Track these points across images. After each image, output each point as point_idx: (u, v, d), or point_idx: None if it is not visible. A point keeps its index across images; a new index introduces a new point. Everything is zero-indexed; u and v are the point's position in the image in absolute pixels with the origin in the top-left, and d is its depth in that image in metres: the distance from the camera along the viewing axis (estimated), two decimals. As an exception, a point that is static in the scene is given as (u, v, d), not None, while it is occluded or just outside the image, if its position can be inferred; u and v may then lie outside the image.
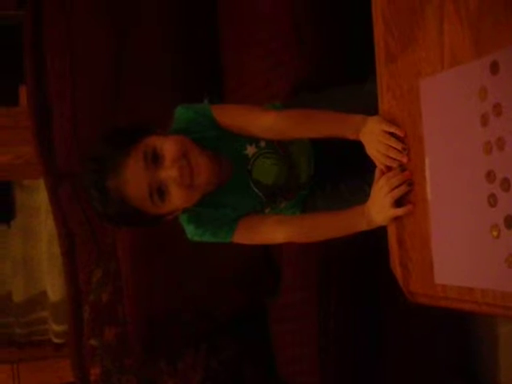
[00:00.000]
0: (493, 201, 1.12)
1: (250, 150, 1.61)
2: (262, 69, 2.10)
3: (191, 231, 1.60)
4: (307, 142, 1.72)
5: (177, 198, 1.46)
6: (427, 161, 1.28)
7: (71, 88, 2.33)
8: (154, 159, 1.44)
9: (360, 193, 1.57)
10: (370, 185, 1.43)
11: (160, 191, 1.45)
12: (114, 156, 1.43)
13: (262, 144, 1.62)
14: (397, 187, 1.34)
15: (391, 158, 1.36)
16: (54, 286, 3.20)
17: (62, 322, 3.13)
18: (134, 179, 1.42)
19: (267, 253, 2.20)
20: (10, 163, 2.96)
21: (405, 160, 1.34)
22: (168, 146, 1.46)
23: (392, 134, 1.35)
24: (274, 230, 1.59)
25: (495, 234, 1.12)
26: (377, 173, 1.41)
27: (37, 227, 3.29)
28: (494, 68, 1.10)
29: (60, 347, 3.18)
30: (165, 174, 1.44)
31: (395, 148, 1.34)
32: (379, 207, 1.39)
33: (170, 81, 2.33)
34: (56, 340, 3.23)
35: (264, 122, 1.55)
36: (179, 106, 1.59)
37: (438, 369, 2.20)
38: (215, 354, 2.24)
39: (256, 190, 1.62)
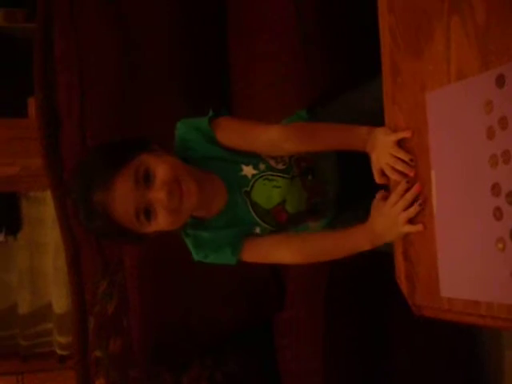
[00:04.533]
0: (498, 214, 1.13)
1: (247, 170, 1.58)
2: (270, 82, 2.11)
3: (194, 254, 1.59)
4: (334, 159, 1.68)
5: (162, 221, 1.45)
6: (433, 174, 1.28)
7: (79, 100, 2.34)
8: (145, 179, 1.43)
9: None
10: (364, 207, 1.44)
11: (147, 211, 1.43)
12: (104, 171, 1.41)
13: (262, 167, 1.59)
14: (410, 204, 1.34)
15: (398, 171, 1.37)
16: (59, 298, 3.20)
17: (66, 333, 3.13)
18: (122, 197, 1.40)
19: (273, 267, 2.20)
20: (18, 175, 2.97)
21: (412, 174, 1.34)
22: (160, 169, 1.44)
23: (399, 144, 1.36)
24: (278, 251, 1.58)
25: (501, 246, 1.12)
26: (378, 193, 1.42)
27: (43, 239, 3.30)
28: (500, 81, 1.11)
29: (65, 359, 3.18)
30: (154, 195, 1.42)
31: (403, 160, 1.35)
32: (391, 224, 1.38)
33: (179, 93, 2.34)
34: (61, 352, 3.23)
35: (268, 137, 1.53)
36: (179, 122, 1.57)
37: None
38: (220, 367, 2.23)
39: (253, 212, 1.59)
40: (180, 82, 2.34)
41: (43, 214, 3.28)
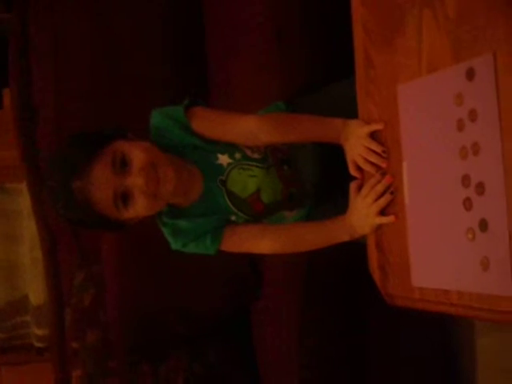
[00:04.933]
0: (468, 204, 1.14)
1: (223, 159, 1.59)
2: (248, 73, 2.12)
3: (172, 243, 1.59)
4: (312, 150, 1.69)
5: (140, 206, 1.45)
6: (405, 165, 1.30)
7: (55, 92, 2.33)
8: (122, 165, 1.43)
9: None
10: (343, 195, 1.45)
11: (124, 197, 1.44)
12: (81, 159, 1.41)
13: (238, 156, 1.60)
14: (381, 195, 1.36)
15: (371, 163, 1.38)
16: (36, 290, 3.19)
17: (44, 326, 3.11)
18: (99, 183, 1.41)
19: (251, 257, 2.20)
20: (-6, 166, 2.95)
21: (384, 165, 1.36)
22: (137, 154, 1.44)
23: (372, 135, 1.37)
24: (257, 241, 1.58)
25: (470, 237, 1.14)
26: (352, 185, 1.43)
27: (19, 231, 3.28)
28: (470, 74, 1.12)
29: (42, 351, 3.16)
30: (131, 180, 1.43)
31: (375, 152, 1.37)
32: (364, 216, 1.40)
33: (156, 84, 2.33)
34: (38, 344, 3.21)
35: (245, 127, 1.54)
36: (154, 111, 1.57)
37: (421, 373, 2.21)
38: (198, 358, 2.24)
39: (229, 201, 1.59)
40: (157, 74, 2.34)
41: (19, 205, 3.26)
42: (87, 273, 2.32)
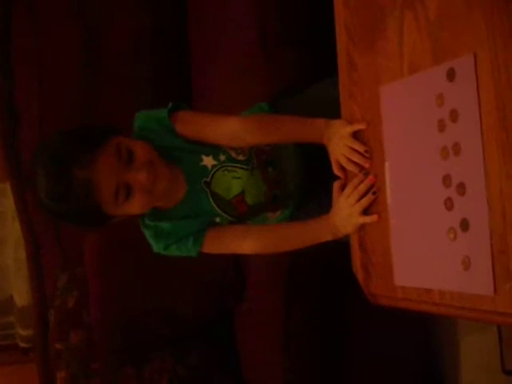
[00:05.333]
0: (449, 204, 1.15)
1: (207, 161, 1.59)
2: (230, 76, 2.12)
3: (154, 246, 1.59)
4: (295, 150, 1.71)
5: (136, 202, 1.47)
6: (387, 165, 1.31)
7: (38, 93, 2.33)
8: (127, 158, 1.44)
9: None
10: (327, 195, 1.46)
11: (126, 189, 1.45)
12: (83, 150, 1.40)
13: (222, 158, 1.60)
14: (364, 195, 1.37)
15: (354, 162, 1.39)
16: (20, 291, 3.17)
17: (28, 326, 3.11)
18: (105, 172, 1.41)
19: (234, 260, 2.21)
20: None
21: (367, 165, 1.36)
22: (139, 150, 1.46)
23: (355, 136, 1.38)
24: (240, 242, 1.59)
25: (452, 236, 1.15)
26: (335, 184, 1.44)
27: (3, 232, 3.26)
28: (451, 75, 1.13)
29: (27, 352, 3.15)
30: (133, 174, 1.44)
31: (358, 151, 1.38)
32: (347, 216, 1.41)
33: (139, 87, 2.34)
34: (23, 344, 3.20)
35: (228, 129, 1.55)
36: (138, 113, 1.58)
37: (403, 373, 2.22)
38: (182, 360, 2.24)
39: (213, 203, 1.60)
40: (140, 77, 2.34)
41: (3, 206, 3.25)
42: (71, 275, 2.32)
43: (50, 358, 2.34)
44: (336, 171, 1.45)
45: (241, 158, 1.63)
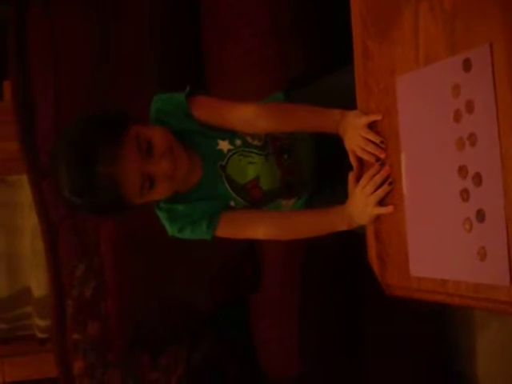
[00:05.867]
0: (465, 195, 1.15)
1: (223, 145, 1.60)
2: (243, 65, 2.12)
3: (168, 228, 1.60)
4: (309, 139, 1.70)
5: (160, 190, 1.49)
6: (403, 156, 1.30)
7: (55, 84, 2.34)
8: (148, 150, 1.45)
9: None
10: (342, 185, 1.46)
11: (151, 181, 1.46)
12: (105, 143, 1.41)
13: (238, 142, 1.61)
14: (380, 186, 1.37)
15: (369, 152, 1.39)
16: (37, 282, 3.20)
17: (46, 316, 3.12)
18: (130, 167, 1.42)
19: (249, 248, 2.21)
20: (-6, 158, 2.95)
21: (382, 155, 1.36)
22: (159, 139, 1.47)
23: (371, 127, 1.38)
24: (254, 227, 1.59)
25: (467, 227, 1.15)
26: (351, 175, 1.44)
27: (20, 223, 3.28)
28: (467, 65, 1.13)
29: (44, 342, 3.17)
30: (155, 165, 1.45)
31: (373, 142, 1.37)
32: (362, 206, 1.41)
33: (154, 76, 2.34)
34: (40, 335, 3.22)
35: (244, 115, 1.55)
36: (156, 96, 1.59)
37: (419, 365, 2.22)
38: (197, 349, 2.26)
39: (228, 186, 1.61)
40: (154, 67, 2.35)
41: (21, 197, 3.27)
42: (88, 265, 2.33)
43: (67, 349, 2.36)
44: (352, 161, 1.44)
45: (256, 143, 1.63)
